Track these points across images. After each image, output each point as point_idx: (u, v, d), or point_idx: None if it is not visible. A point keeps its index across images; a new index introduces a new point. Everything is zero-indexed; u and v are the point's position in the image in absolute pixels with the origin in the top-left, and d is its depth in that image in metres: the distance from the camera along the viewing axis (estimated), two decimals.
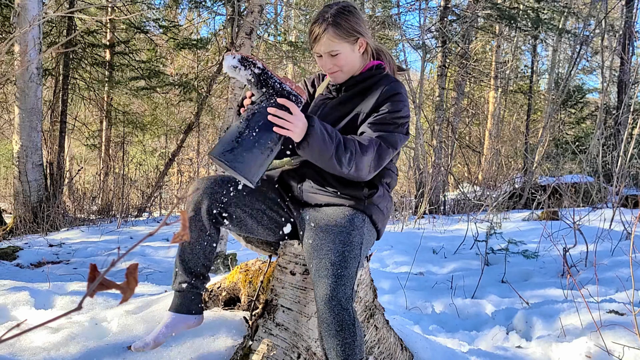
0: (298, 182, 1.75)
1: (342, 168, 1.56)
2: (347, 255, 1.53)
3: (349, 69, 1.72)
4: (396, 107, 1.66)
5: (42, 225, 6.60)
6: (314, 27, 1.68)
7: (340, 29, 1.65)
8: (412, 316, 3.31)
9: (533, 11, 9.84)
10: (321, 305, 1.49)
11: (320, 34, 1.66)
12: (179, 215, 6.20)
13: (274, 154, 1.55)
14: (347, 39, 1.67)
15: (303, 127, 1.51)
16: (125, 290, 0.56)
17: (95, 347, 1.86)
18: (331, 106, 1.76)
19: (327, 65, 1.70)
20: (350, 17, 1.67)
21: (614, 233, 5.04)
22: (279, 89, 1.53)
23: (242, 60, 1.53)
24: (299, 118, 1.50)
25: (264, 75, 1.53)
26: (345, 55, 1.69)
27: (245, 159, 1.47)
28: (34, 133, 6.76)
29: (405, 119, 1.68)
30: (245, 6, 6.40)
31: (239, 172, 1.48)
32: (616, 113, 9.89)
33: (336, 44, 1.66)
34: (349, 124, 1.70)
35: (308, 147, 1.52)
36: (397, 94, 1.67)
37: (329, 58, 1.69)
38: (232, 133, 1.50)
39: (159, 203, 10.03)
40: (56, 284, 3.31)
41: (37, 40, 6.55)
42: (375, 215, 1.70)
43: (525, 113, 13.59)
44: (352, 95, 1.74)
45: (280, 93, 1.53)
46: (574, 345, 2.45)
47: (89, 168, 14.52)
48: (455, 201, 9.14)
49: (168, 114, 12.52)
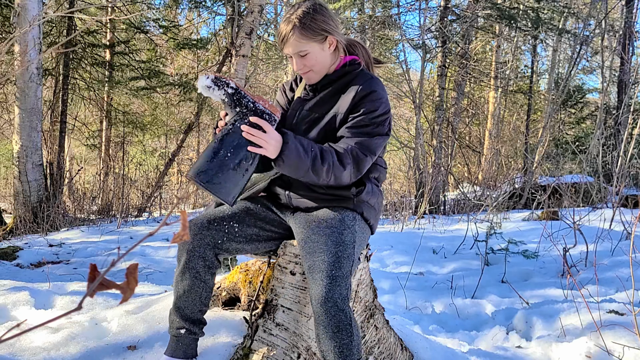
0: (285, 189, 1.76)
1: (319, 180, 1.59)
2: (340, 255, 1.53)
3: (319, 68, 1.70)
4: (373, 107, 1.64)
5: (42, 225, 6.60)
6: (281, 28, 1.67)
7: (307, 30, 1.64)
8: (412, 316, 3.31)
9: (533, 11, 9.84)
10: (317, 306, 1.49)
11: (287, 35, 1.65)
12: (179, 215, 6.20)
13: (249, 173, 1.56)
14: (314, 39, 1.65)
15: (276, 144, 1.52)
16: (125, 290, 0.56)
17: (95, 347, 1.86)
18: (308, 108, 1.75)
19: (298, 65, 1.69)
20: (316, 17, 1.65)
21: (614, 233, 5.04)
22: (252, 107, 1.55)
23: (215, 80, 1.56)
24: (272, 136, 1.52)
25: (237, 95, 1.56)
26: (315, 54, 1.67)
27: (220, 179, 1.50)
28: (34, 133, 6.76)
29: (383, 117, 1.66)
30: (245, 6, 6.40)
31: (214, 193, 1.51)
32: (616, 113, 9.88)
33: (304, 44, 1.65)
34: (327, 126, 1.69)
35: (284, 164, 1.54)
36: (373, 92, 1.65)
37: (298, 58, 1.68)
38: (207, 154, 1.53)
39: (159, 203, 10.03)
40: (56, 284, 3.31)
41: (37, 40, 6.55)
42: (366, 212, 1.71)
43: (525, 113, 13.59)
44: (327, 95, 1.73)
45: (254, 112, 1.55)
46: (574, 345, 2.45)
47: (89, 168, 14.52)
48: (455, 201, 9.14)
49: (168, 114, 12.52)
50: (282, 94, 1.90)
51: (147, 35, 10.37)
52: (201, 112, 9.91)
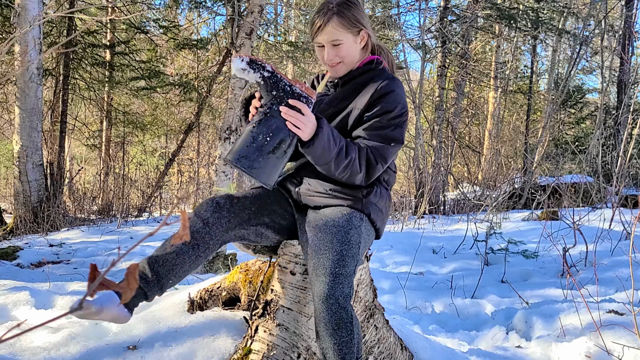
0: (296, 185, 1.77)
1: (336, 173, 1.61)
2: (345, 254, 1.53)
3: (349, 61, 1.72)
4: (389, 107, 1.65)
5: (42, 225, 6.61)
6: (317, 17, 1.69)
7: (345, 19, 1.66)
8: (412, 316, 3.31)
9: (533, 11, 9.84)
10: (318, 303, 1.49)
11: (324, 23, 1.66)
12: (179, 215, 6.20)
13: (287, 156, 1.57)
14: (350, 30, 1.68)
15: (313, 127, 1.54)
16: (125, 290, 0.56)
17: (95, 347, 1.87)
18: (327, 102, 1.76)
19: (329, 55, 1.70)
20: (354, 8, 1.68)
21: (613, 233, 5.04)
22: (289, 91, 1.55)
23: (250, 63, 1.54)
24: (310, 119, 1.53)
25: (273, 79, 1.55)
26: (348, 46, 1.69)
27: (261, 164, 1.51)
28: (34, 133, 6.76)
29: (400, 119, 1.67)
30: (245, 6, 6.41)
31: (256, 177, 1.52)
32: (616, 113, 9.89)
33: (340, 33, 1.67)
34: (342, 121, 1.71)
35: (313, 147, 1.55)
36: (391, 92, 1.66)
37: (331, 49, 1.69)
38: (245, 138, 1.53)
39: (159, 203, 10.04)
40: (56, 284, 3.31)
41: (37, 41, 6.56)
42: (373, 214, 1.71)
43: (525, 113, 13.59)
44: (347, 91, 1.74)
45: (291, 95, 1.55)
46: (573, 345, 2.45)
47: (89, 168, 14.52)
48: (455, 201, 9.14)
49: (168, 114, 12.53)
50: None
51: (147, 36, 10.37)
52: (201, 112, 9.91)
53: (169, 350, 1.81)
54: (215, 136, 12.88)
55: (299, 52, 9.15)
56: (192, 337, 1.85)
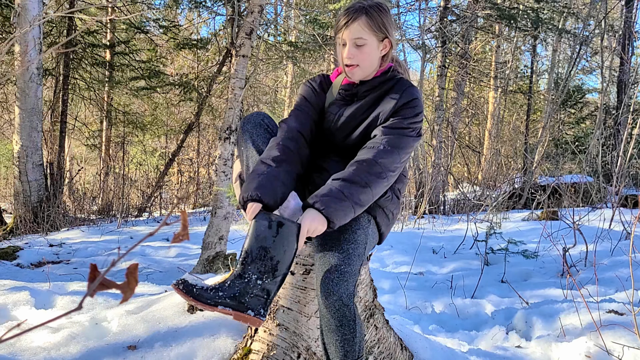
0: (305, 185, 1.79)
1: (374, 196, 1.62)
2: (351, 253, 1.55)
3: (367, 66, 1.70)
4: (412, 112, 1.69)
5: (42, 225, 6.61)
6: (345, 14, 1.68)
7: (373, 21, 1.66)
8: (412, 316, 3.31)
9: (533, 11, 9.83)
10: (322, 300, 1.51)
11: (352, 20, 1.66)
12: (179, 215, 6.20)
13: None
14: (375, 33, 1.67)
15: (321, 226, 1.52)
16: (125, 290, 0.56)
17: (95, 347, 1.87)
18: (349, 114, 1.75)
19: (349, 53, 1.68)
20: (384, 14, 1.68)
21: (613, 233, 5.04)
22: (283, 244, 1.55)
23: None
24: (312, 227, 1.52)
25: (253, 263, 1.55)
26: (370, 49, 1.68)
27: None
28: (34, 133, 6.76)
29: (418, 120, 1.71)
30: (245, 6, 6.40)
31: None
32: (616, 113, 9.89)
33: (365, 32, 1.66)
34: (367, 129, 1.73)
35: (337, 221, 1.54)
36: (414, 99, 1.70)
37: (353, 48, 1.68)
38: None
39: (159, 203, 10.04)
40: (56, 284, 3.31)
41: (37, 40, 6.56)
42: (379, 218, 1.72)
43: (525, 113, 13.59)
44: (369, 101, 1.74)
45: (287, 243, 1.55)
46: (573, 345, 2.45)
47: (89, 168, 14.53)
48: (455, 201, 9.14)
49: (168, 114, 12.53)
50: (313, 92, 1.84)
51: (147, 35, 10.37)
52: (201, 112, 9.91)
53: (169, 350, 1.81)
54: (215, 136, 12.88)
55: (299, 52, 9.14)
56: (192, 337, 1.85)
